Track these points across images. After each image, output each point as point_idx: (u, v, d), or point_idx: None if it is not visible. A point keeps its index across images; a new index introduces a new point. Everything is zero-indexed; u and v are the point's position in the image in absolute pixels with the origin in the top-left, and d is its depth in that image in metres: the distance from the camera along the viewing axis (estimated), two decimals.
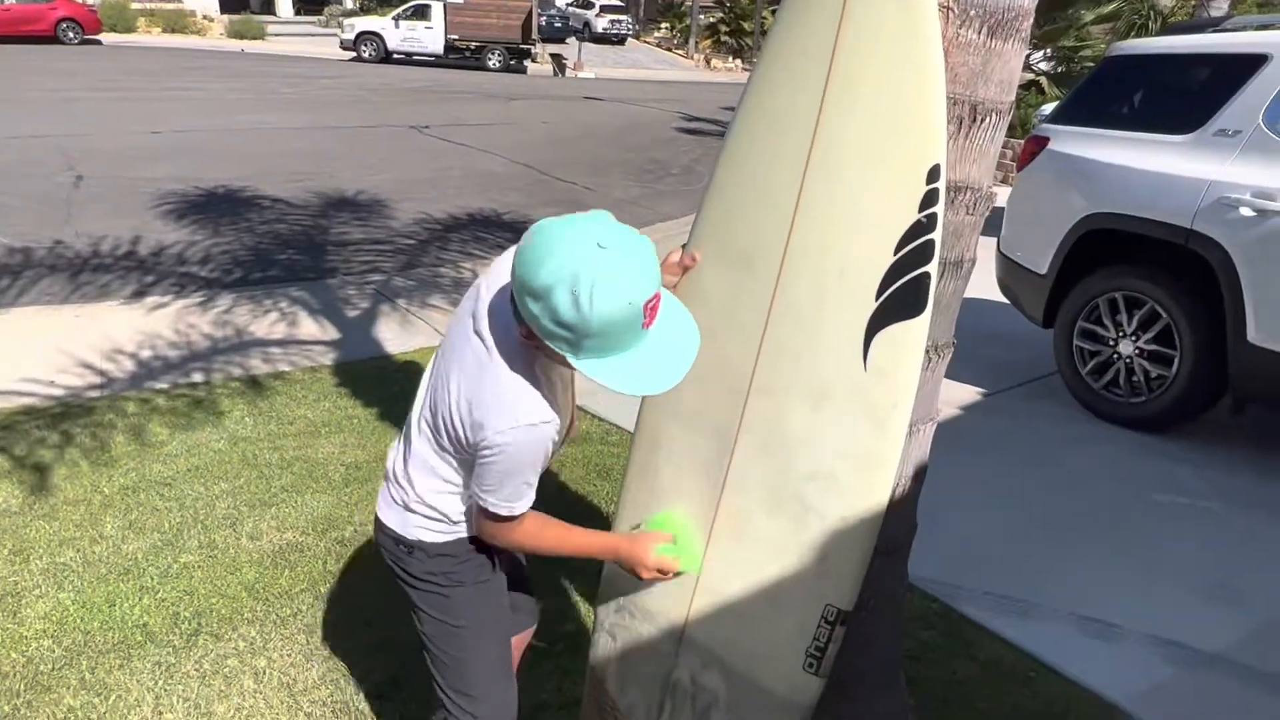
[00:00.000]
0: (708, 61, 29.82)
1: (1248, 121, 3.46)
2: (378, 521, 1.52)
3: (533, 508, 1.41)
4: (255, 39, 26.11)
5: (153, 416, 3.52)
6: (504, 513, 1.36)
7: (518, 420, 1.28)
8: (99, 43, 22.89)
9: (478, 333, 1.33)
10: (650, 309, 1.17)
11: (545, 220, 1.19)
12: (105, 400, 3.66)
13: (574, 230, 1.15)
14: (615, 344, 1.18)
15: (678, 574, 1.47)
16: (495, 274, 1.36)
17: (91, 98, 13.20)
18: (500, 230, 7.05)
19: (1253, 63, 3.54)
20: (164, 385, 3.84)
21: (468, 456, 1.35)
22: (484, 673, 1.52)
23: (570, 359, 1.19)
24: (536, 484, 1.38)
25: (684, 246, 1.49)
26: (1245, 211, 3.33)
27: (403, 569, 1.51)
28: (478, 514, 1.40)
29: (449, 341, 1.39)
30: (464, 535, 1.48)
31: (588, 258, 1.12)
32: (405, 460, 1.46)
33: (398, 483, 1.47)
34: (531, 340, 1.24)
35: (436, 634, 1.52)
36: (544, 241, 1.15)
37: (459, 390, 1.32)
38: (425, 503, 1.44)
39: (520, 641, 1.76)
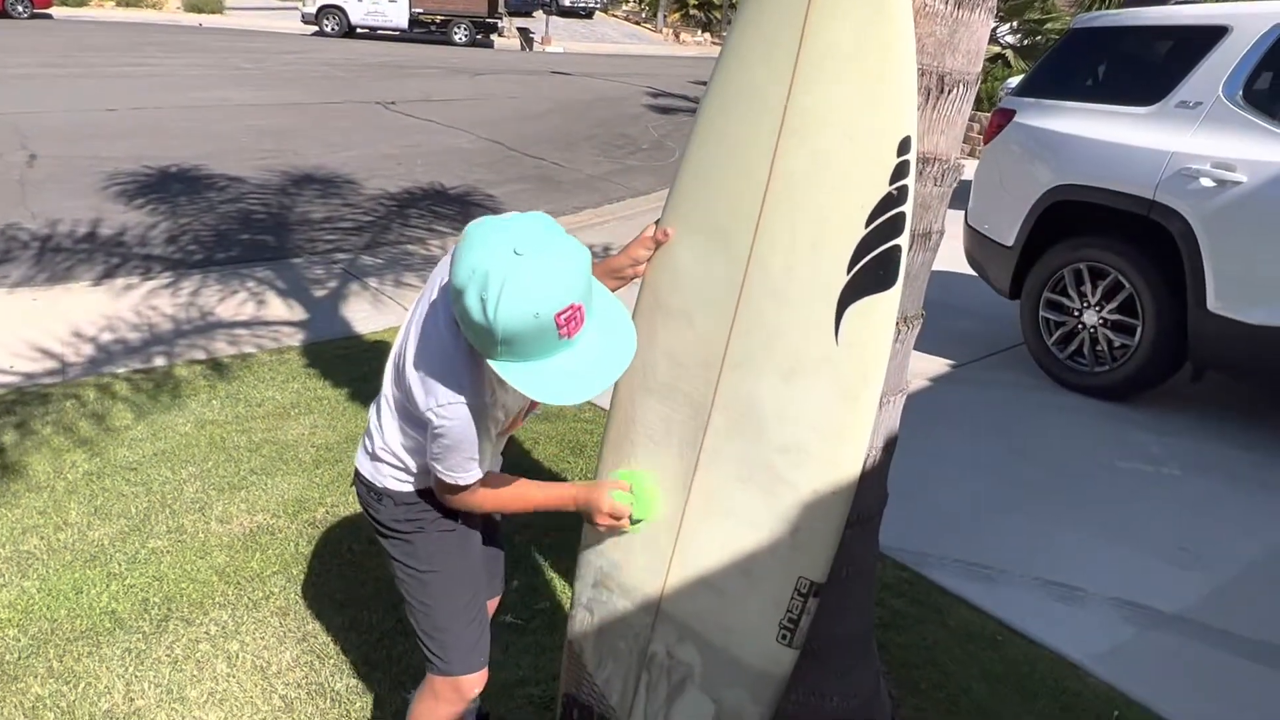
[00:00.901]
0: (677, 35, 29.59)
1: (1208, 93, 3.51)
2: (356, 471, 1.56)
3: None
4: (213, 13, 25.46)
5: (116, 401, 3.45)
6: (451, 480, 1.39)
7: (459, 397, 1.29)
8: (50, 17, 22.16)
9: (435, 305, 1.35)
10: (566, 320, 1.16)
11: (485, 217, 1.20)
12: (66, 385, 3.59)
13: (498, 233, 1.15)
14: (527, 351, 1.18)
15: (634, 522, 1.50)
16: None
17: (44, 74, 12.79)
18: (468, 207, 6.97)
19: (1213, 34, 3.58)
20: (127, 369, 3.77)
21: (421, 419, 1.38)
22: (453, 618, 1.55)
23: (488, 360, 1.21)
24: (479, 452, 1.39)
25: (657, 222, 1.49)
26: (1205, 182, 3.38)
27: (374, 516, 1.55)
28: (433, 478, 1.42)
29: (421, 303, 1.41)
30: (428, 487, 1.50)
31: (501, 262, 1.12)
32: (379, 409, 1.49)
33: (370, 431, 1.51)
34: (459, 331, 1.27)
35: (407, 580, 1.55)
36: (470, 238, 1.16)
37: (416, 356, 1.34)
38: (391, 452, 1.47)
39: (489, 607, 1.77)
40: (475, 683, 1.58)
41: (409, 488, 1.50)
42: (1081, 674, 2.21)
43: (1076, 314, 3.91)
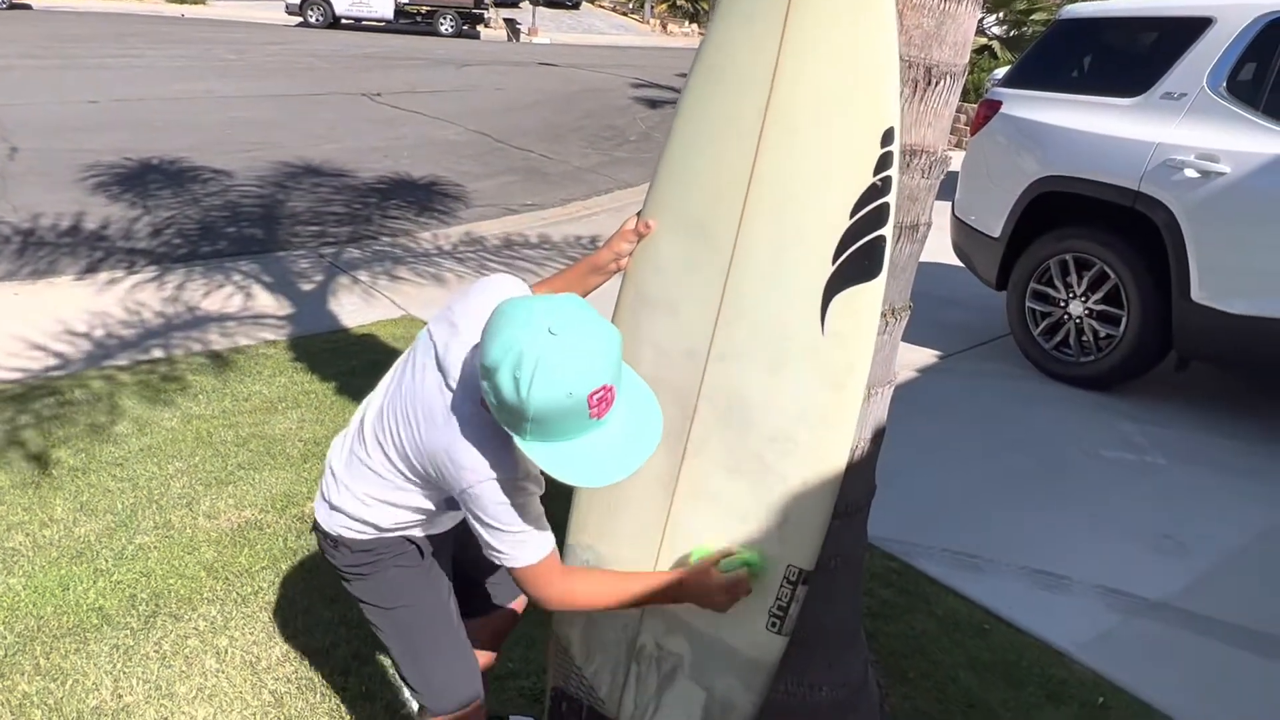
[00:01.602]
0: (664, 26, 29.50)
1: (1192, 84, 3.53)
2: (314, 519, 1.53)
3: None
4: (196, 4, 25.17)
5: (100, 396, 3.43)
6: (523, 561, 1.30)
7: (494, 474, 1.26)
8: (29, 7, 21.87)
9: (447, 381, 1.30)
10: (598, 401, 1.15)
11: (516, 296, 1.20)
12: (49, 381, 3.56)
13: (531, 312, 1.14)
14: (557, 431, 1.16)
15: (749, 590, 1.40)
16: (468, 307, 1.33)
17: (23, 65, 12.64)
18: (455, 201, 6.94)
19: (1197, 26, 3.60)
20: (112, 364, 3.74)
21: (430, 489, 1.36)
22: (434, 652, 1.51)
23: (515, 439, 1.19)
24: (543, 520, 1.32)
25: (639, 214, 1.48)
26: (1190, 173, 3.41)
27: (332, 562, 1.53)
28: (518, 583, 1.35)
29: (416, 369, 1.35)
30: (385, 537, 1.47)
31: (534, 341, 1.11)
32: (346, 462, 1.45)
33: (333, 480, 1.46)
34: (485, 408, 1.23)
35: (377, 621, 1.52)
36: (502, 315, 1.15)
37: (429, 436, 1.29)
38: (354, 507, 1.43)
39: (505, 617, 1.77)
40: (471, 716, 1.55)
41: (364, 538, 1.46)
42: (1067, 661, 2.23)
43: (1062, 305, 3.94)
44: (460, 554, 1.60)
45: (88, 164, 7.27)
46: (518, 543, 1.29)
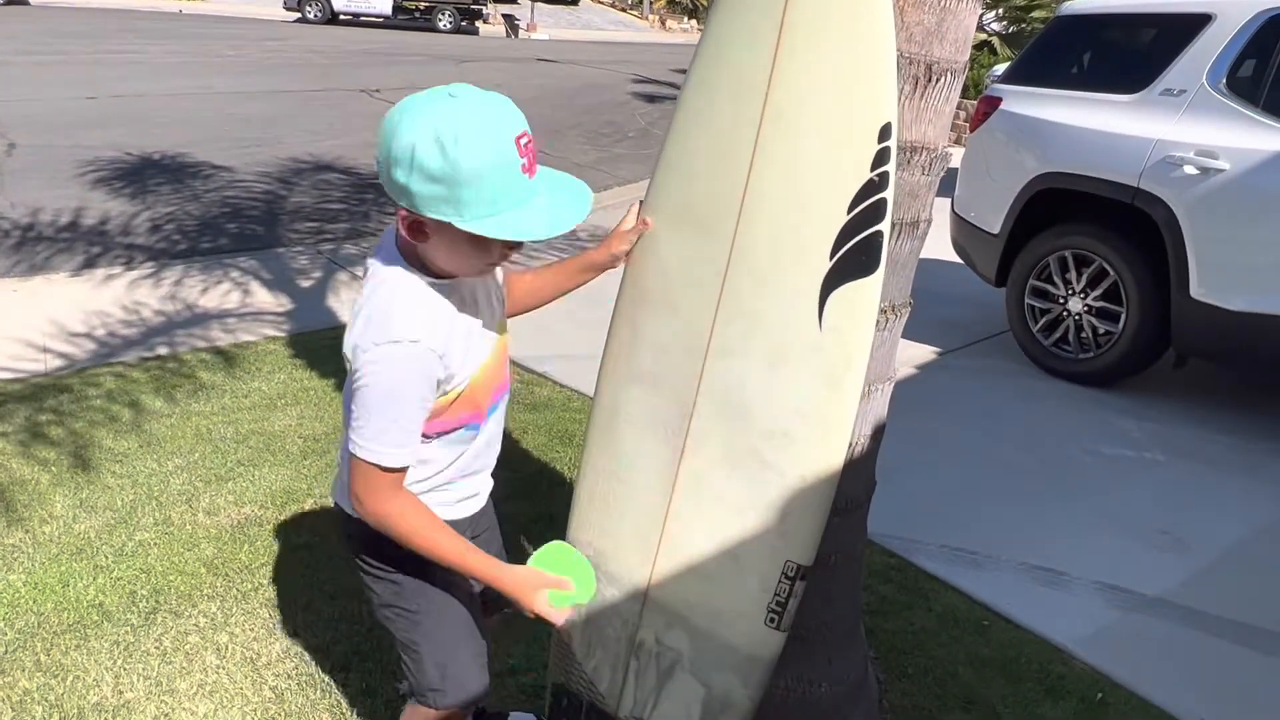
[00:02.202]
0: (662, 22, 29.46)
1: (1192, 81, 3.53)
2: (335, 502, 1.49)
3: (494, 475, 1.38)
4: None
5: (99, 392, 3.43)
6: (368, 457, 1.21)
7: (388, 335, 1.17)
8: (27, 3, 21.82)
9: (369, 261, 1.28)
10: (525, 146, 1.12)
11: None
12: (47, 378, 3.56)
13: (422, 95, 1.12)
14: (495, 195, 1.11)
15: (568, 608, 1.41)
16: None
17: (21, 61, 12.61)
18: None
19: (1197, 22, 3.60)
20: (111, 360, 3.74)
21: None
22: (439, 650, 1.48)
23: (457, 223, 1.12)
24: (414, 439, 1.24)
25: (639, 205, 1.48)
26: (1189, 170, 3.41)
27: (352, 550, 1.47)
28: (351, 473, 1.27)
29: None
30: None
31: (442, 108, 1.09)
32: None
33: (341, 458, 1.43)
34: (416, 235, 1.17)
35: (395, 619, 1.47)
36: (398, 111, 1.11)
37: (356, 312, 1.24)
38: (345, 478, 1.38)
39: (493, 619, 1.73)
40: (478, 699, 1.53)
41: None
42: (1066, 657, 2.23)
43: (1061, 301, 3.94)
44: None
45: (86, 160, 7.26)
46: (372, 432, 1.20)
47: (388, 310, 1.20)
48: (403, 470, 1.27)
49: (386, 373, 1.18)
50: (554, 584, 1.39)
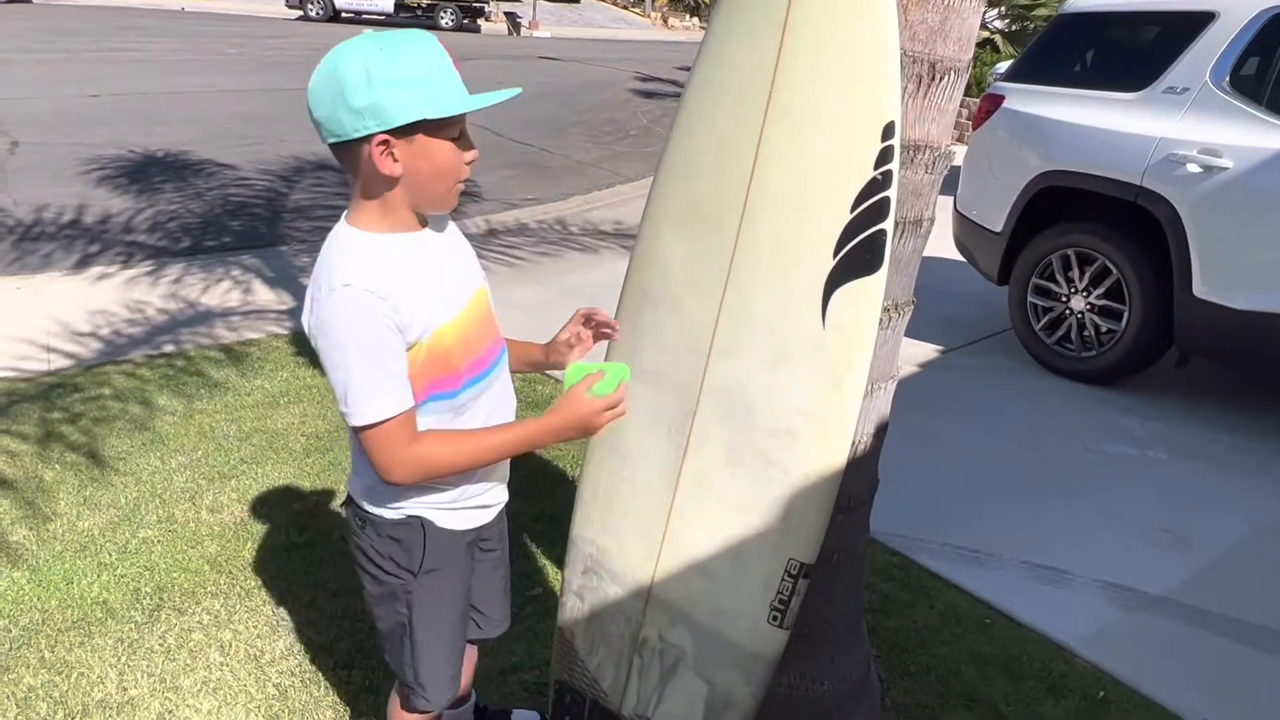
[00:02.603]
0: (665, 20, 29.45)
1: (1195, 79, 3.53)
2: (348, 494, 1.47)
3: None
4: None
5: (102, 390, 3.43)
6: (360, 421, 1.18)
7: (334, 283, 1.16)
8: (29, 1, 21.84)
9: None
10: (455, 62, 1.18)
11: None
12: (50, 375, 3.56)
13: (347, 40, 1.17)
14: (435, 75, 1.15)
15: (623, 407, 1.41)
16: None
17: (23, 59, 12.62)
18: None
19: (1200, 20, 3.59)
20: (114, 358, 3.75)
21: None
22: (435, 664, 1.47)
23: (431, 114, 1.15)
24: (397, 381, 1.20)
25: (580, 314, 1.50)
26: (1192, 168, 3.40)
27: (356, 541, 1.43)
28: (367, 451, 1.24)
29: None
30: (407, 516, 1.37)
31: (360, 40, 1.15)
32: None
33: (352, 447, 1.42)
34: (387, 167, 1.17)
35: (389, 626, 1.46)
36: (320, 68, 1.15)
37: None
38: (356, 467, 1.39)
39: (471, 655, 1.72)
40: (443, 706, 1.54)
41: (388, 515, 1.37)
42: (1068, 655, 2.23)
43: (1064, 299, 3.94)
44: None
45: (89, 158, 7.27)
46: (360, 394, 1.18)
47: (322, 268, 1.20)
48: (401, 415, 1.21)
49: (336, 327, 1.16)
50: (589, 381, 1.38)
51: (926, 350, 4.18)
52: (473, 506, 1.43)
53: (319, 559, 2.48)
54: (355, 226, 1.23)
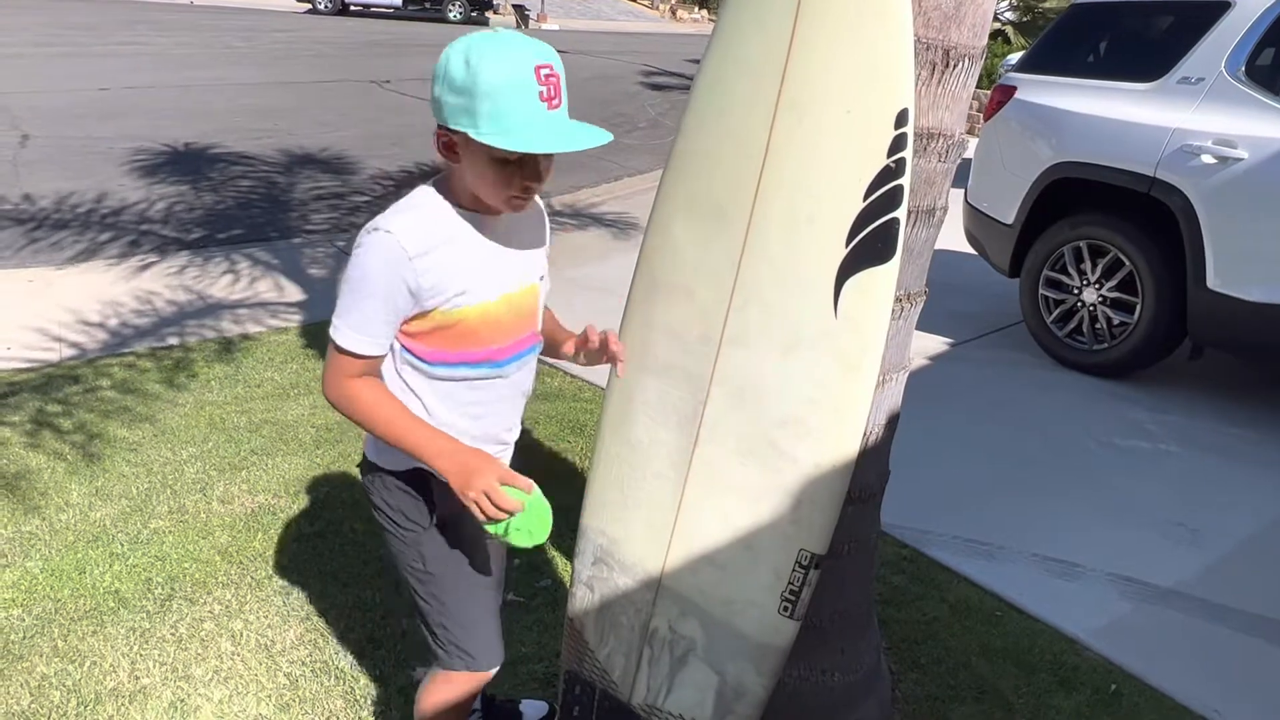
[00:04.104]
0: (673, 12, 29.33)
1: (1210, 69, 3.49)
2: (364, 452, 1.48)
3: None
4: None
5: (113, 382, 3.45)
6: (331, 333, 1.29)
7: (379, 223, 1.25)
8: None
9: None
10: (546, 78, 1.18)
11: None
12: (63, 367, 3.58)
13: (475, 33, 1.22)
14: (511, 110, 1.17)
15: (508, 531, 1.28)
16: None
17: (34, 53, 12.67)
18: None
19: (1216, 9, 3.55)
20: (125, 350, 3.76)
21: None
22: (474, 615, 1.49)
23: (472, 134, 1.18)
24: (380, 326, 1.27)
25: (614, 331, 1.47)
26: (1207, 159, 3.37)
27: (370, 497, 1.46)
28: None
29: None
30: (413, 467, 1.38)
31: (482, 35, 1.20)
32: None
33: None
34: (448, 154, 1.24)
35: (413, 579, 1.48)
36: (454, 42, 1.21)
37: None
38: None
39: None
40: (494, 671, 1.53)
41: (397, 465, 1.40)
42: (1079, 648, 2.23)
43: (1076, 292, 3.91)
44: None
45: (99, 151, 7.29)
46: (344, 316, 1.27)
47: (386, 211, 1.28)
48: (358, 358, 1.29)
49: (359, 256, 1.26)
50: (499, 500, 1.25)
51: (937, 343, 4.16)
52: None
53: (329, 549, 2.48)
54: (433, 187, 1.31)
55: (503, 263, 1.34)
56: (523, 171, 1.23)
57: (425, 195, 1.30)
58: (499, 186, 1.25)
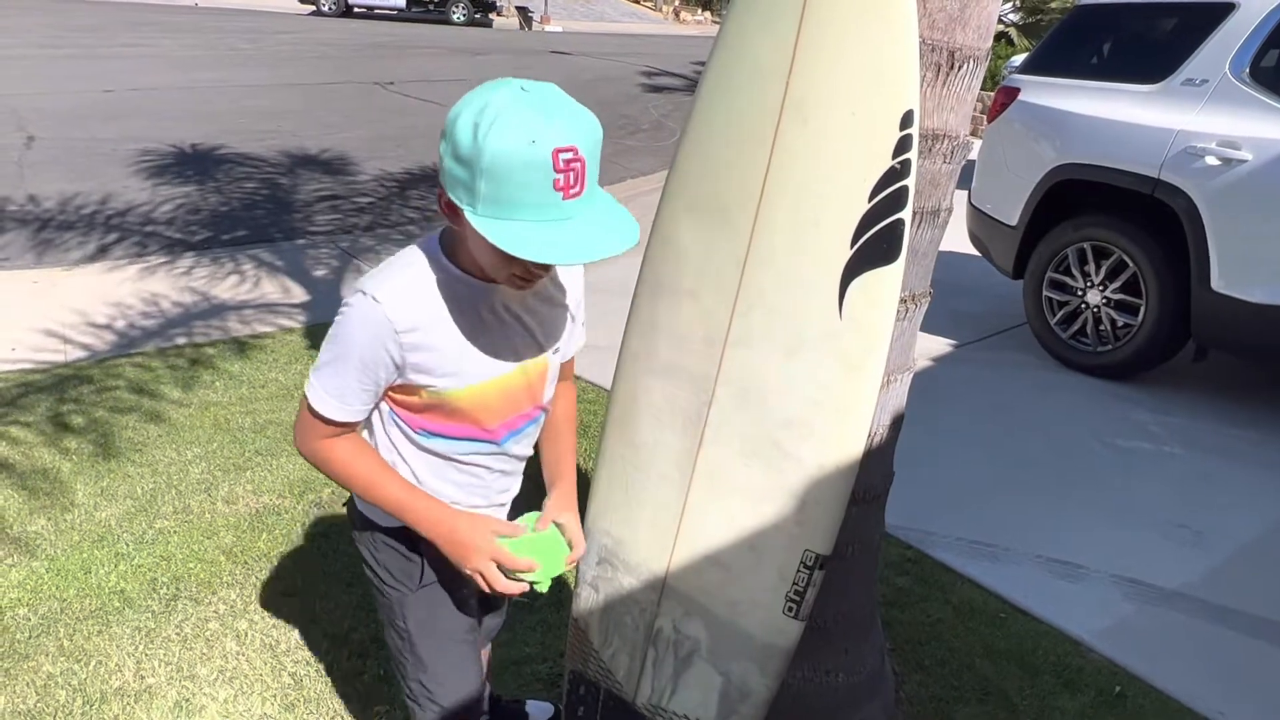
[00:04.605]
0: (677, 14, 29.36)
1: (1214, 70, 3.49)
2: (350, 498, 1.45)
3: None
4: None
5: (118, 382, 3.46)
6: (306, 390, 1.19)
7: (368, 288, 1.14)
8: None
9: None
10: (566, 165, 0.99)
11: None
12: (67, 368, 3.59)
13: (507, 81, 1.04)
14: (516, 197, 1.00)
15: (522, 583, 1.27)
16: None
17: (38, 55, 12.70)
18: None
19: (1220, 11, 3.55)
20: (129, 350, 3.77)
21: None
22: (438, 670, 1.43)
23: (468, 214, 1.03)
24: (358, 395, 1.18)
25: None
26: (1211, 160, 3.37)
27: (358, 547, 1.42)
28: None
29: None
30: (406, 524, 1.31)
31: (502, 93, 1.01)
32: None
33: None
34: (450, 214, 1.10)
35: (390, 628, 1.43)
36: (477, 88, 1.04)
37: None
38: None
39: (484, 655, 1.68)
40: None
41: (386, 521, 1.33)
42: (1083, 650, 2.22)
43: (1080, 293, 3.91)
44: None
45: (104, 153, 7.31)
46: (322, 377, 1.18)
47: (382, 265, 1.20)
48: (329, 423, 1.20)
49: (345, 318, 1.16)
50: (509, 563, 1.24)
51: (940, 344, 4.16)
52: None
53: (333, 550, 2.49)
54: (433, 245, 1.19)
55: (503, 338, 1.24)
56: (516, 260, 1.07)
57: (421, 256, 1.18)
58: (500, 265, 1.12)
